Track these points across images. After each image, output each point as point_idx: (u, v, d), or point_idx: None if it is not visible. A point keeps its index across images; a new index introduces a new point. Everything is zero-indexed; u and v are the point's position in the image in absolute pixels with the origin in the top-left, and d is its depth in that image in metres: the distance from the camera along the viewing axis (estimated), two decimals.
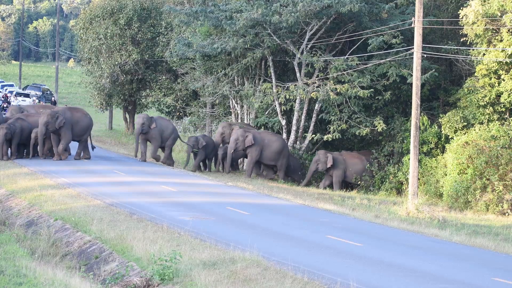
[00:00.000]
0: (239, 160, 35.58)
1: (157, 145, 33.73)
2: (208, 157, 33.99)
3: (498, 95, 30.18)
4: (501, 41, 29.41)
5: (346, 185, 32.88)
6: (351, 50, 33.87)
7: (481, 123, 29.95)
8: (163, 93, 48.80)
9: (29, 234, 18.73)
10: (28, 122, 32.19)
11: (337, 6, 32.45)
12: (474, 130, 28.96)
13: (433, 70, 32.02)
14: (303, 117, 34.44)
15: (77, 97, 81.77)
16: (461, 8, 30.18)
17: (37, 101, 58.55)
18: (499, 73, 29.98)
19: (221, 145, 33.92)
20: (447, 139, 31.04)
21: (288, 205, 23.68)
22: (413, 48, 25.85)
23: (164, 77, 48.45)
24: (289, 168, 33.34)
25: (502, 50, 29.17)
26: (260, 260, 14.32)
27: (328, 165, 32.08)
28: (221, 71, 36.39)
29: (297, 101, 34.08)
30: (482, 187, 27.10)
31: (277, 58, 35.30)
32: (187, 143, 34.17)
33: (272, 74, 34.92)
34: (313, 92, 33.10)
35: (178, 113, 48.97)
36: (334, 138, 33.33)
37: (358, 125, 33.27)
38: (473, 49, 30.54)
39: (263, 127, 35.82)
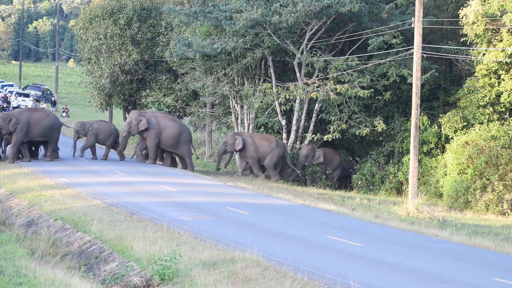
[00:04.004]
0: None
1: (16, 140, 30.92)
2: (102, 143, 33.99)
3: (498, 95, 30.19)
4: (501, 41, 29.41)
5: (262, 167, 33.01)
6: (351, 50, 33.86)
7: (481, 123, 29.95)
8: (163, 93, 48.77)
9: (29, 234, 18.72)
10: None
11: (337, 6, 32.44)
12: (474, 130, 28.97)
13: (433, 70, 32.02)
14: (303, 117, 34.42)
15: (77, 97, 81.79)
16: (461, 8, 30.19)
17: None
18: (499, 73, 29.99)
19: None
20: (447, 139, 31.05)
21: (288, 205, 23.66)
22: (413, 48, 25.86)
23: (164, 77, 48.40)
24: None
25: (502, 50, 29.17)
26: (260, 260, 14.30)
27: (237, 148, 32.24)
28: (221, 71, 36.36)
29: (297, 101, 34.07)
30: (482, 187, 27.10)
31: (277, 58, 35.28)
32: (71, 127, 34.07)
33: (272, 74, 34.90)
34: (313, 92, 33.08)
35: (178, 113, 48.94)
36: (334, 138, 33.33)
37: (358, 125, 33.25)
38: (473, 49, 30.54)
39: (262, 127, 35.80)
